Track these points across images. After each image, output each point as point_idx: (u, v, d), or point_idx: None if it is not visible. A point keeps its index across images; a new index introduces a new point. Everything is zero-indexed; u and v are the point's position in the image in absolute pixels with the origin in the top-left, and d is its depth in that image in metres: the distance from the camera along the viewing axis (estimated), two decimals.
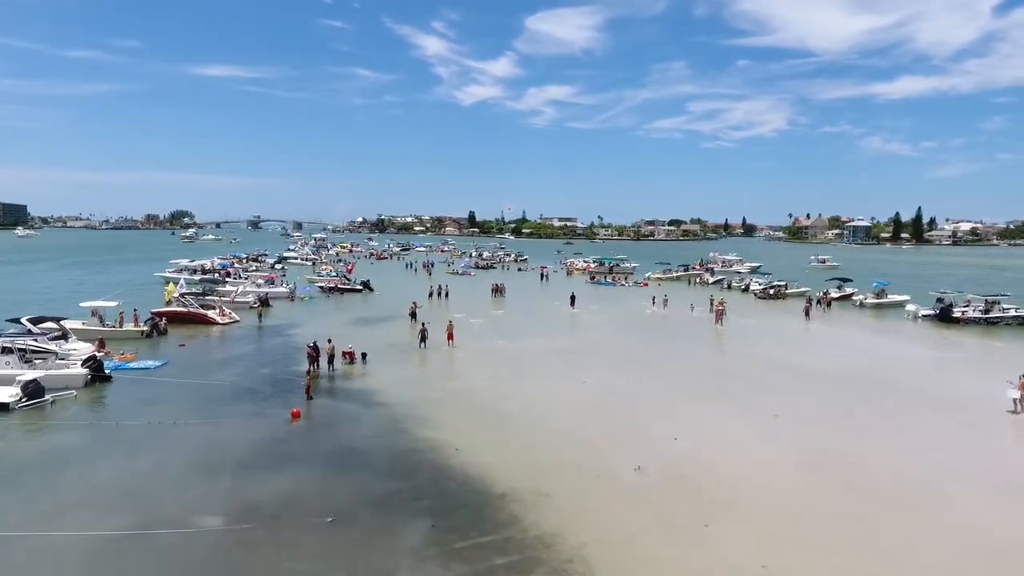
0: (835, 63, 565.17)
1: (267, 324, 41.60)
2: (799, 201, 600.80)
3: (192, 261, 71.22)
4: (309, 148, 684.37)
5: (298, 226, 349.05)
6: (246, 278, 60.56)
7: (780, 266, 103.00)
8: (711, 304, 48.92)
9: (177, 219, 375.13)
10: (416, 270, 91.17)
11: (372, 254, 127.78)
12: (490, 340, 36.18)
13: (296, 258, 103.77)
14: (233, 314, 42.80)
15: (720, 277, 75.37)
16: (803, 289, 62.45)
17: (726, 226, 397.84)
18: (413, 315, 42.05)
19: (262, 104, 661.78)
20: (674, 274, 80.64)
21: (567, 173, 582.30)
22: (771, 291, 59.68)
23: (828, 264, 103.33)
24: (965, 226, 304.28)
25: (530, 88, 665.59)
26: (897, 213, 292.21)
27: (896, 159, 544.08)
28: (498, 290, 58.21)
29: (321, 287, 60.44)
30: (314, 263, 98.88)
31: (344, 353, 29.71)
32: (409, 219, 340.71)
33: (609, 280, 72.63)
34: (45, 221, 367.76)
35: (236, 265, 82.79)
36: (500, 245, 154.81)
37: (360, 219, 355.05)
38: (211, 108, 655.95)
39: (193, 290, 47.90)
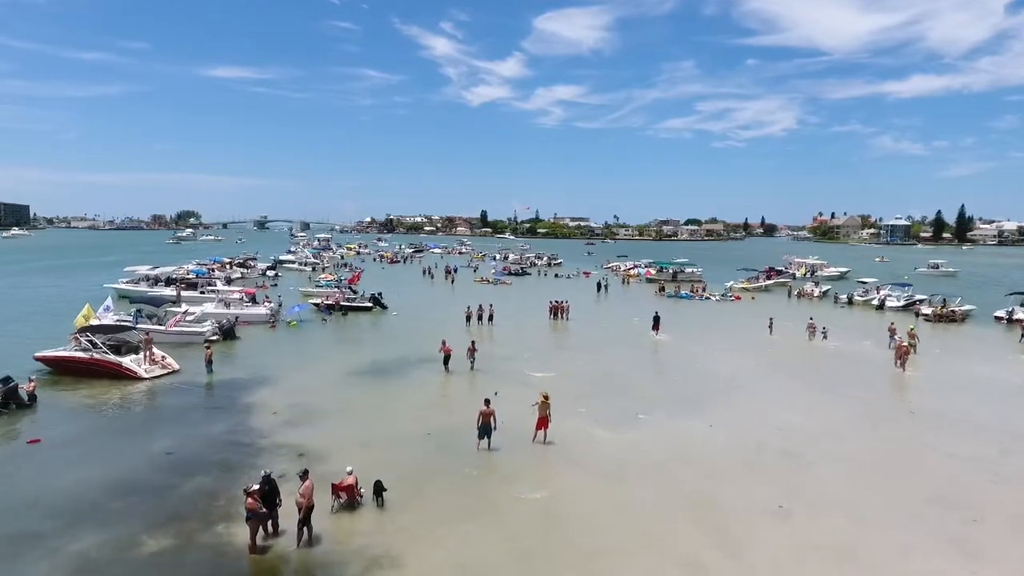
0: (845, 62, 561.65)
1: (221, 377, 25.77)
2: (810, 200, 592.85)
3: (153, 268, 55.51)
4: (317, 149, 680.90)
5: (305, 226, 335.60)
6: (209, 293, 44.50)
7: (858, 271, 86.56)
8: (891, 336, 32.86)
9: (183, 219, 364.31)
10: (433, 276, 75.42)
11: (381, 256, 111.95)
12: (601, 424, 20.14)
13: (293, 262, 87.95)
14: (169, 360, 26.97)
15: (827, 287, 59.10)
16: (968, 307, 46.10)
17: (746, 226, 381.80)
18: (447, 360, 26.47)
19: (270, 105, 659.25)
20: (762, 283, 64.33)
21: (576, 173, 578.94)
22: (943, 311, 43.25)
23: (943, 270, 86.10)
24: (1009, 225, 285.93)
25: (538, 88, 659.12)
26: (939, 212, 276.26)
27: (907, 158, 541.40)
28: (559, 311, 42.13)
29: (316, 304, 44.66)
30: (314, 268, 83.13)
31: (337, 489, 13.81)
32: (419, 219, 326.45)
33: (686, 292, 56.46)
34: (50, 222, 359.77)
35: (218, 272, 67.27)
36: (527, 245, 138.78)
37: (368, 219, 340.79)
38: (219, 109, 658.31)
39: (117, 318, 32.33)
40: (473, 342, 27.28)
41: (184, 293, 45.85)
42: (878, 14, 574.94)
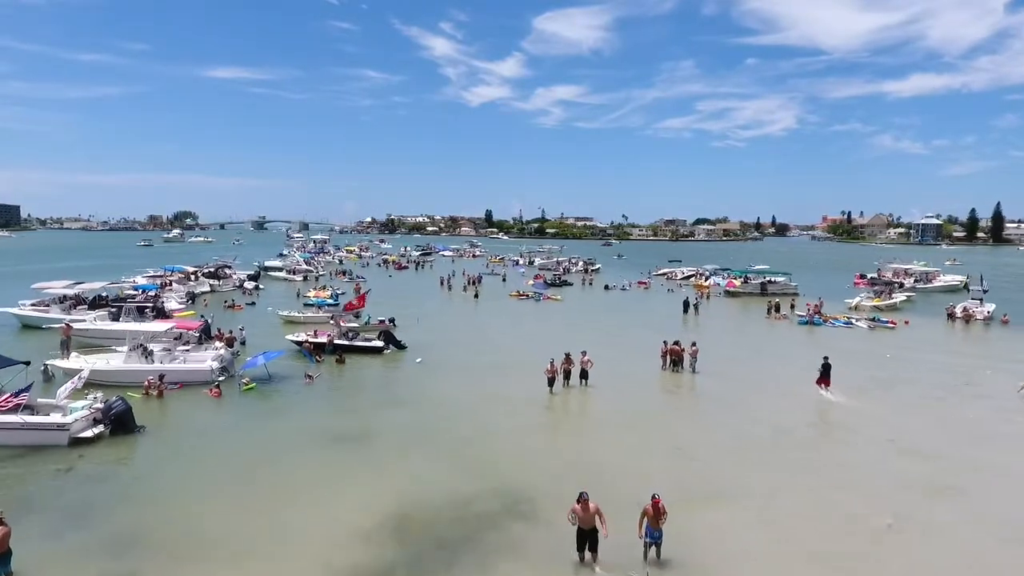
0: (845, 61, 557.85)
1: None
2: (812, 199, 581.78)
3: (74, 285, 39.84)
4: (316, 149, 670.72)
5: (304, 226, 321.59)
6: (133, 329, 28.21)
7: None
8: None
9: (180, 220, 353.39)
10: (450, 287, 60.04)
11: (386, 260, 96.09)
12: None
13: (280, 269, 72.11)
14: None
15: (992, 306, 43.58)
16: None
17: (758, 225, 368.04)
18: (591, 543, 10.90)
19: (269, 105, 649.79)
20: (894, 299, 48.72)
21: (576, 173, 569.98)
22: None
23: None
24: None
25: (538, 88, 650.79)
26: (973, 210, 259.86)
27: (907, 157, 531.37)
28: (676, 358, 26.56)
29: (298, 343, 29.29)
30: (305, 277, 67.51)
31: None
32: (421, 219, 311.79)
33: (818, 318, 40.77)
34: (43, 223, 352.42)
35: (177, 286, 51.77)
36: (558, 246, 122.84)
37: (369, 219, 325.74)
38: (218, 110, 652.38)
39: None
40: (657, 503, 11.58)
41: (87, 326, 30.41)
42: (878, 13, 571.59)
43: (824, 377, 23.74)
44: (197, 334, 30.05)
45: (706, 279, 64.48)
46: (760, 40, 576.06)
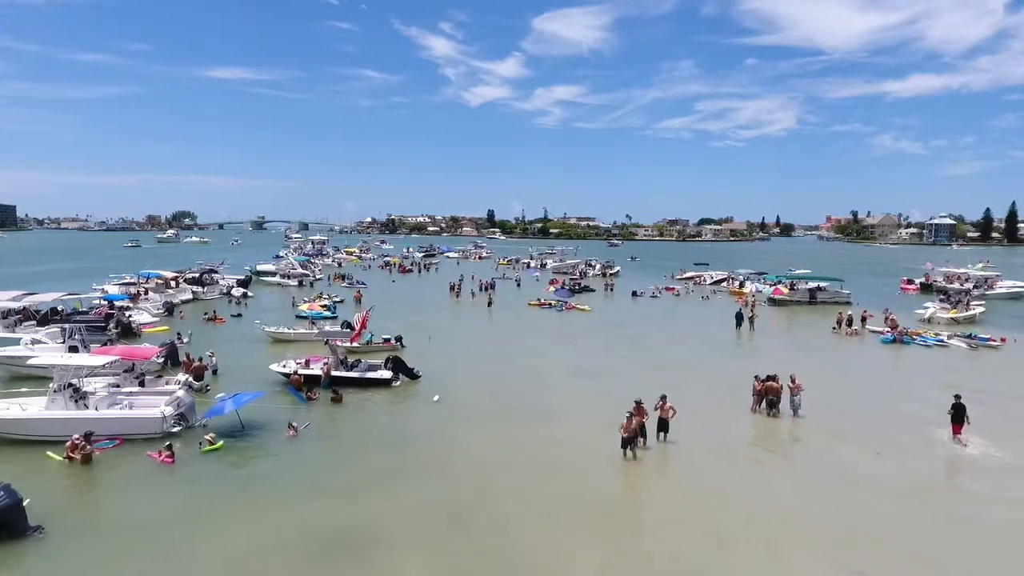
0: (845, 61, 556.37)
1: None
2: (814, 199, 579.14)
3: (23, 296, 33.71)
4: (316, 149, 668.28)
5: (304, 226, 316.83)
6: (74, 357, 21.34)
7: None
8: None
9: (178, 220, 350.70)
10: (459, 293, 54.25)
11: (389, 262, 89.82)
12: None
13: (274, 274, 65.98)
14: None
15: None
16: None
17: (762, 225, 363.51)
18: None
19: (269, 106, 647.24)
20: (972, 310, 42.46)
21: (576, 173, 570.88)
22: None
23: None
24: None
25: (537, 88, 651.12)
26: (988, 209, 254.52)
27: (906, 157, 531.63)
28: (774, 397, 20.60)
29: (285, 375, 23.36)
30: (300, 283, 61.51)
31: None
32: (422, 219, 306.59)
33: (908, 336, 34.47)
34: (40, 223, 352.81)
35: (154, 295, 45.67)
36: (572, 248, 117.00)
37: (369, 219, 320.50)
38: (219, 110, 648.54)
39: None
40: None
41: (17, 352, 24.43)
42: (877, 13, 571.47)
43: (957, 422, 18.35)
44: (161, 359, 24.33)
45: (740, 285, 58.49)
46: (760, 40, 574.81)
